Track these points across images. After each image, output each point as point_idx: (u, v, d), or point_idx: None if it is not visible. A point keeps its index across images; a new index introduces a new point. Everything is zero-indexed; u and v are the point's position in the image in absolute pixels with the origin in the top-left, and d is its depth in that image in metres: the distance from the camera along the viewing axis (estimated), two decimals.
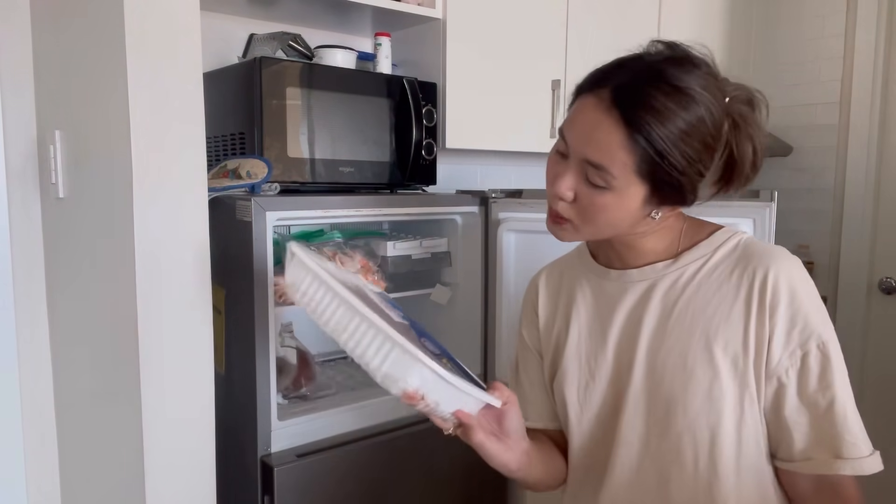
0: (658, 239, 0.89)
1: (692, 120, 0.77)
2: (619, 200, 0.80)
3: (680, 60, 0.79)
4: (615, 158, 0.78)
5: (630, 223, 0.84)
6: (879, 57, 2.47)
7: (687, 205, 0.85)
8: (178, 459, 1.16)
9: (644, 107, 0.76)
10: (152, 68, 1.07)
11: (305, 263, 0.81)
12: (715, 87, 0.80)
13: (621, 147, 0.77)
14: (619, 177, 0.78)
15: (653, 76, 0.77)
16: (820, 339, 0.82)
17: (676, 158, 0.77)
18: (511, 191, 1.63)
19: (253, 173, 1.33)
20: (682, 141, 0.77)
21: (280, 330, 1.46)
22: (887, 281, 2.52)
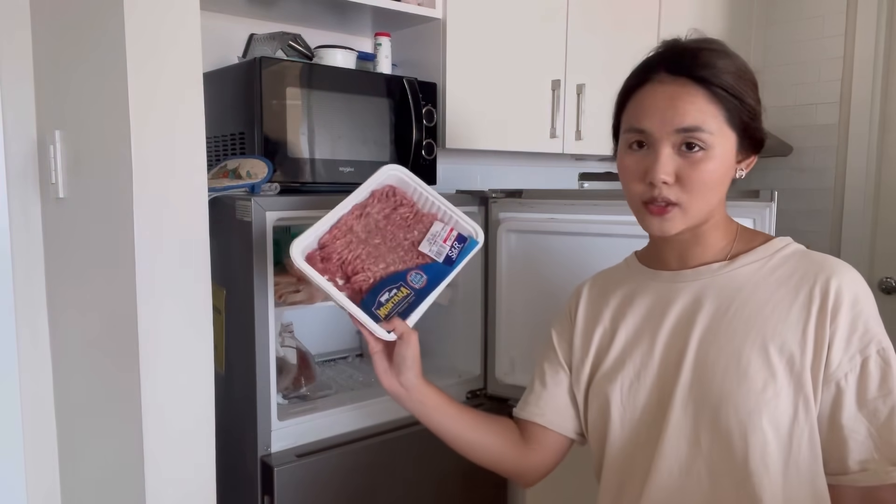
0: (720, 236, 0.92)
1: (743, 67, 0.87)
2: (719, 158, 0.85)
3: (722, 44, 0.90)
4: (706, 114, 0.84)
5: (725, 184, 0.89)
6: (879, 57, 2.48)
7: (757, 152, 0.91)
8: (178, 459, 1.16)
9: (706, 65, 0.85)
10: (152, 68, 1.07)
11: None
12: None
13: (708, 102, 0.85)
14: (715, 132, 0.84)
15: (694, 45, 0.88)
16: (880, 345, 0.82)
17: (751, 99, 0.87)
18: (511, 191, 1.63)
19: (253, 173, 1.33)
20: (745, 85, 0.87)
21: (280, 330, 1.46)
22: (887, 281, 2.52)
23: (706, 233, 0.91)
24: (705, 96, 0.84)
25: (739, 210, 1.27)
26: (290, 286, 1.41)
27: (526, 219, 1.57)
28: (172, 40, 1.08)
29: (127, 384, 1.14)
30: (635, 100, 0.89)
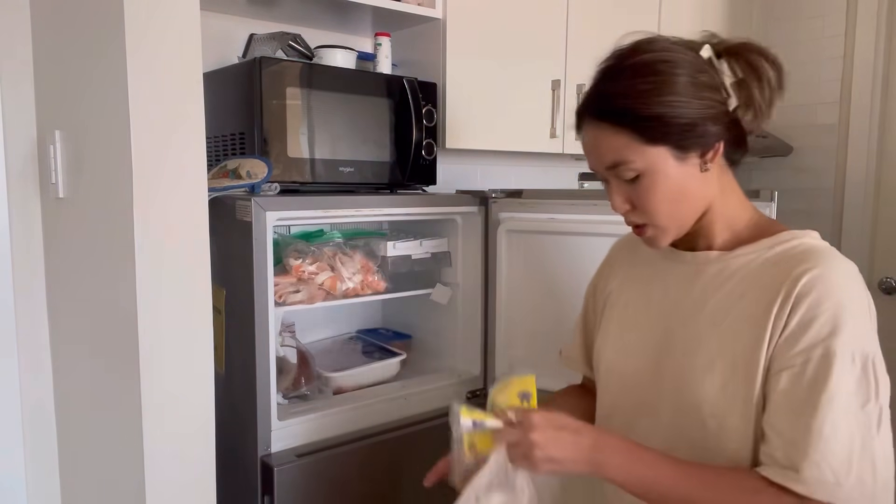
0: (722, 227, 0.91)
1: (655, 76, 0.85)
2: (658, 175, 0.86)
3: (618, 56, 0.88)
4: (619, 146, 0.86)
5: (690, 186, 0.88)
6: (879, 57, 2.47)
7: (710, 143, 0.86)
8: (179, 459, 1.16)
9: (599, 97, 0.88)
10: (152, 68, 1.07)
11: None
12: (667, 45, 0.87)
13: (615, 135, 0.86)
14: (636, 157, 0.85)
15: (595, 76, 0.90)
16: (828, 351, 0.78)
17: (656, 106, 0.84)
18: (511, 191, 1.63)
19: (253, 173, 1.33)
20: (644, 94, 0.84)
21: (280, 330, 1.46)
22: (887, 281, 2.52)
23: (705, 227, 0.92)
24: (611, 129, 0.86)
25: None
26: (290, 286, 1.41)
27: (526, 219, 1.57)
28: (173, 40, 1.08)
29: (127, 384, 1.14)
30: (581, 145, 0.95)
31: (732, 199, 0.92)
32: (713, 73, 0.88)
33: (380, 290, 1.56)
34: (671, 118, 0.84)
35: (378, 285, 1.56)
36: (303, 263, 1.43)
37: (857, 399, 0.77)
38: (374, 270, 1.56)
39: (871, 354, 0.79)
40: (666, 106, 0.84)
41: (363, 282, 1.52)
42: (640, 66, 0.86)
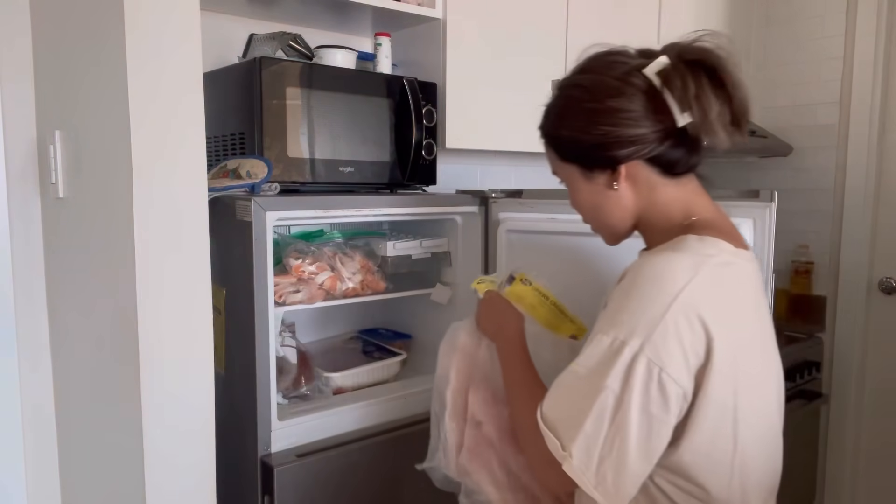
0: (656, 233, 0.97)
1: (567, 102, 0.97)
2: (572, 187, 1.01)
3: (570, 74, 0.99)
4: (549, 158, 1.03)
5: (603, 199, 0.97)
6: (879, 57, 2.47)
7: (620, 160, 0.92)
8: (179, 459, 1.16)
9: (543, 115, 1.02)
10: (152, 68, 1.07)
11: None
12: (607, 66, 0.93)
13: (546, 147, 1.03)
14: (560, 170, 1.01)
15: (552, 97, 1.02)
16: (596, 328, 0.87)
17: (569, 130, 0.96)
18: (511, 191, 1.63)
19: (253, 173, 1.33)
20: (561, 119, 0.97)
21: (280, 330, 1.46)
22: (887, 281, 2.52)
23: (644, 232, 1.00)
24: (545, 144, 1.02)
25: (739, 210, 1.27)
26: (290, 286, 1.41)
27: (526, 219, 1.57)
28: (172, 40, 1.08)
29: (127, 384, 1.14)
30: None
31: (660, 212, 0.96)
32: (634, 96, 0.90)
33: (380, 290, 1.56)
34: (574, 141, 0.95)
35: (378, 285, 1.56)
36: (303, 263, 1.43)
37: (600, 376, 0.83)
38: (374, 270, 1.56)
39: (625, 341, 0.83)
40: (570, 130, 0.95)
41: (363, 282, 1.52)
42: (562, 88, 0.99)
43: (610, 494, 0.82)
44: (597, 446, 0.82)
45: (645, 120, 0.90)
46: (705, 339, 0.82)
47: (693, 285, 0.83)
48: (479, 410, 1.13)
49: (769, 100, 2.74)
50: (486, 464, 1.12)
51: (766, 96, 2.74)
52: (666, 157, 0.92)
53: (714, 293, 0.85)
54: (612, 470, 0.82)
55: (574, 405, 0.84)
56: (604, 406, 0.82)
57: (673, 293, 0.82)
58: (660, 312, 0.81)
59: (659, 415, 0.81)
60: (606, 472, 0.82)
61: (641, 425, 0.81)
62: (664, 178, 0.94)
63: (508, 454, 1.12)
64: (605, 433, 0.82)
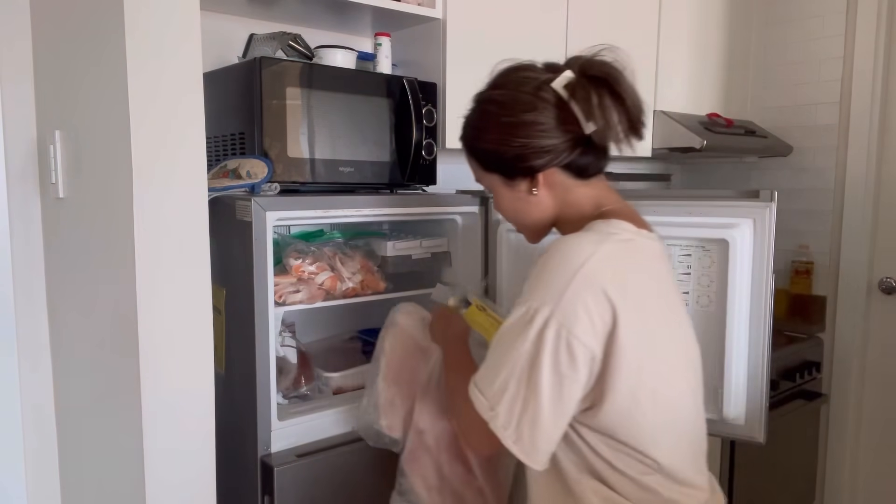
0: (573, 230, 1.04)
1: (483, 116, 1.05)
2: (496, 194, 1.09)
3: (484, 87, 1.07)
4: (472, 168, 1.11)
5: (523, 205, 1.07)
6: (879, 57, 2.48)
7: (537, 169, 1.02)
8: (179, 459, 1.16)
9: (462, 126, 1.09)
10: (152, 68, 1.07)
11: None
12: (518, 81, 1.02)
13: (468, 158, 1.10)
14: (483, 178, 1.10)
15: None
16: (516, 301, 0.96)
17: (486, 143, 1.05)
18: None
19: (253, 173, 1.33)
20: (481, 133, 1.05)
21: (280, 330, 1.46)
22: (887, 281, 2.52)
23: (559, 227, 1.09)
24: (466, 155, 1.10)
25: (739, 210, 1.27)
26: (290, 286, 1.41)
27: None
28: (172, 40, 1.08)
29: (127, 384, 1.14)
30: None
31: (574, 209, 1.05)
32: (546, 109, 0.99)
33: (380, 290, 1.56)
34: (494, 153, 1.04)
35: (378, 285, 1.56)
36: (303, 263, 1.43)
37: (518, 341, 0.92)
38: (374, 270, 1.56)
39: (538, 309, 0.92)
40: (490, 143, 1.03)
41: (363, 282, 1.52)
42: (479, 103, 1.06)
43: (527, 449, 0.92)
44: (516, 406, 0.92)
45: (556, 131, 0.99)
46: (610, 307, 0.91)
47: (595, 258, 0.92)
48: (423, 420, 1.27)
49: (769, 100, 2.74)
50: (421, 468, 1.26)
51: (766, 96, 2.74)
52: (577, 162, 1.02)
53: (616, 265, 0.94)
54: (527, 426, 0.91)
55: (497, 370, 0.94)
56: (522, 369, 0.91)
57: (578, 264, 0.92)
58: (566, 282, 0.91)
59: (568, 373, 0.90)
60: (524, 429, 0.92)
61: (553, 384, 0.90)
62: (577, 180, 1.04)
63: (443, 462, 1.26)
64: (523, 393, 0.91)
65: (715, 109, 2.54)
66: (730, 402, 1.32)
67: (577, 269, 0.91)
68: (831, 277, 2.62)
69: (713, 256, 1.33)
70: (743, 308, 1.30)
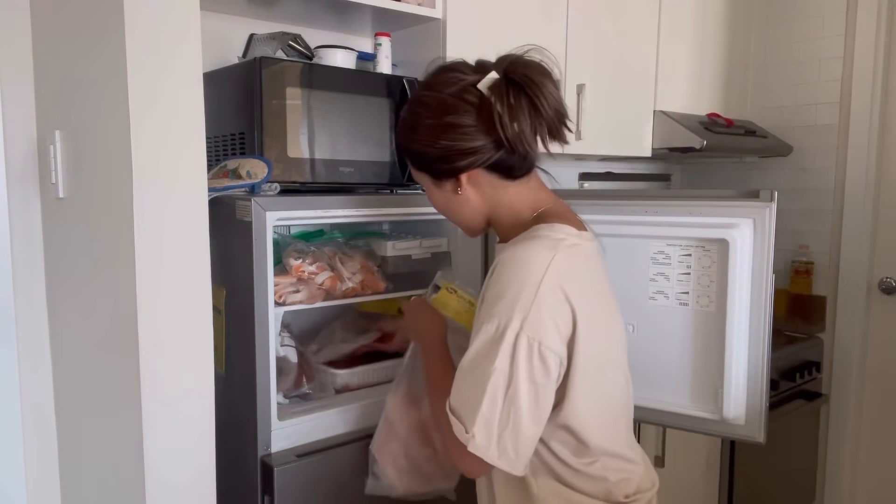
0: (508, 228, 1.08)
1: (411, 118, 1.07)
2: (427, 192, 1.13)
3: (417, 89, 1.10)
4: (409, 166, 1.12)
5: (452, 203, 1.09)
6: (879, 57, 2.48)
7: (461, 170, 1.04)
8: (178, 459, 1.16)
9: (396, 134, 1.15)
10: (152, 68, 1.07)
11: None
12: (445, 82, 1.03)
13: (404, 156, 1.12)
14: (416, 177, 1.12)
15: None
16: (478, 321, 0.97)
17: (412, 147, 1.07)
18: None
19: (253, 173, 1.33)
20: (407, 135, 1.07)
21: (280, 330, 1.46)
22: (887, 281, 2.52)
23: (496, 227, 1.12)
24: (401, 152, 1.14)
25: (739, 210, 1.27)
26: (290, 286, 1.41)
27: None
28: (172, 40, 1.08)
29: (127, 384, 1.14)
30: None
31: (507, 209, 1.08)
32: (468, 112, 1.00)
33: (380, 290, 1.56)
34: (420, 154, 1.06)
35: (378, 285, 1.56)
36: (303, 263, 1.43)
37: (489, 358, 0.94)
38: (374, 270, 1.56)
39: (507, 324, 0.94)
40: (416, 143, 1.06)
41: (363, 282, 1.52)
42: (409, 104, 1.09)
43: (511, 461, 0.95)
44: (494, 422, 0.94)
45: (478, 133, 1.00)
46: (570, 311, 0.95)
47: (553, 266, 0.95)
48: (393, 412, 1.31)
49: (769, 100, 2.74)
50: (391, 455, 1.30)
51: (766, 96, 2.74)
52: (503, 163, 1.03)
53: (570, 271, 0.97)
54: (510, 439, 0.94)
55: (470, 391, 0.95)
56: (496, 385, 0.93)
57: (539, 275, 0.94)
58: (531, 294, 0.93)
59: (542, 382, 0.94)
60: (506, 443, 0.94)
61: (530, 394, 0.93)
62: (505, 180, 1.06)
63: (413, 447, 1.29)
64: (501, 408, 0.93)
65: (715, 109, 2.54)
66: (730, 403, 1.32)
67: (541, 279, 0.94)
68: (831, 277, 2.62)
69: (713, 256, 1.33)
70: (743, 308, 1.30)
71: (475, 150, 1.01)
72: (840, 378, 2.61)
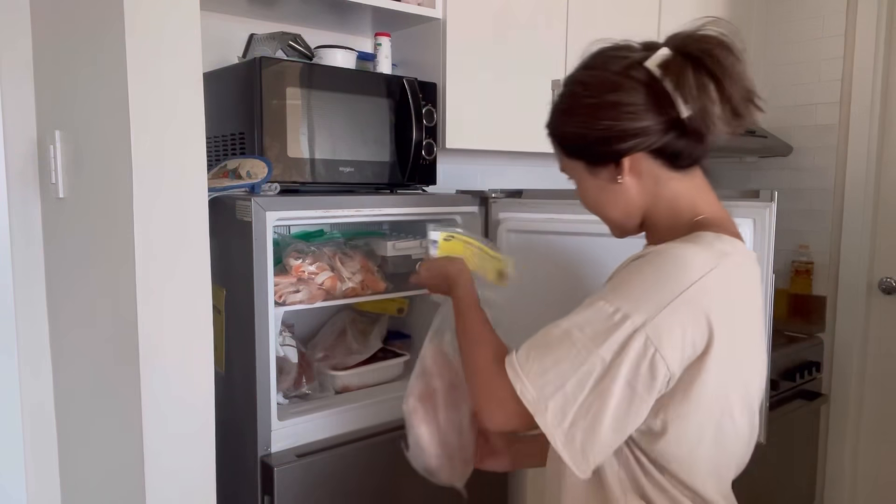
0: (663, 230, 0.96)
1: (569, 98, 0.97)
2: (582, 182, 1.00)
3: (574, 70, 1.00)
4: (557, 155, 1.02)
5: (609, 193, 0.98)
6: (879, 57, 2.48)
7: (622, 153, 0.92)
8: (178, 459, 1.16)
9: (550, 112, 1.01)
10: (152, 68, 1.07)
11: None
12: (608, 61, 0.94)
13: (553, 145, 1.02)
14: (567, 165, 1.01)
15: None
16: (598, 295, 0.87)
17: (573, 127, 0.96)
18: (511, 191, 1.63)
19: (253, 173, 1.33)
20: (565, 116, 0.98)
21: (280, 330, 1.46)
22: (887, 281, 2.52)
23: (649, 229, 1.00)
24: (551, 140, 1.02)
25: (739, 210, 1.27)
26: (290, 286, 1.41)
27: (526, 219, 1.57)
28: (172, 41, 1.08)
29: (127, 384, 1.14)
30: None
31: (666, 206, 0.96)
32: (635, 90, 0.90)
33: (380, 290, 1.56)
34: (576, 137, 0.96)
35: (378, 285, 1.56)
36: (303, 263, 1.43)
37: (594, 341, 0.84)
38: (374, 270, 1.56)
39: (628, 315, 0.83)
40: (573, 126, 0.96)
41: (363, 282, 1.52)
42: (568, 85, 0.99)
43: (577, 455, 0.85)
44: (573, 407, 0.84)
45: (646, 112, 0.89)
46: (707, 334, 0.83)
47: (708, 279, 0.83)
48: (432, 364, 1.18)
49: (769, 100, 2.74)
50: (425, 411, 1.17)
51: (765, 96, 2.74)
52: (669, 148, 0.91)
53: (725, 291, 0.85)
54: (582, 432, 0.84)
55: (559, 363, 0.85)
56: (590, 372, 0.84)
57: (688, 282, 0.83)
58: (670, 296, 0.82)
59: (642, 393, 0.83)
60: (577, 434, 0.84)
61: (623, 398, 0.83)
62: (669, 171, 0.93)
63: (444, 408, 1.17)
64: (585, 397, 0.84)
65: None
66: None
67: (687, 286, 0.82)
68: (831, 277, 2.62)
69: None
70: None
71: (641, 130, 0.90)
72: (840, 378, 2.61)
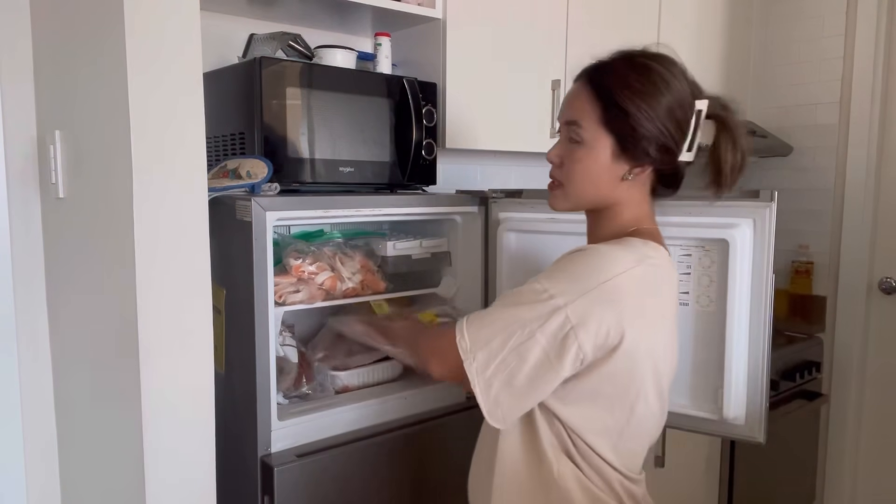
0: (609, 228, 1.05)
1: (649, 84, 0.97)
2: (591, 152, 0.99)
3: (641, 52, 1.01)
4: (584, 111, 1.00)
5: (606, 181, 1.01)
6: (879, 57, 2.48)
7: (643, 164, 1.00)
8: (178, 459, 1.16)
9: (608, 70, 1.00)
10: (152, 69, 1.07)
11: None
12: (679, 75, 0.99)
13: (588, 101, 0.99)
14: (587, 128, 0.99)
15: (614, 56, 1.01)
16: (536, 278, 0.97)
17: (632, 110, 0.96)
18: (511, 191, 1.63)
19: (253, 173, 1.33)
20: (637, 97, 0.96)
21: (280, 330, 1.46)
22: (887, 281, 2.52)
23: (598, 222, 1.07)
24: (589, 95, 1.00)
25: (739, 210, 1.27)
26: (290, 286, 1.41)
27: (526, 219, 1.57)
28: (172, 41, 1.08)
29: (127, 384, 1.14)
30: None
31: (620, 206, 1.04)
32: (689, 118, 0.99)
33: (380, 290, 1.56)
34: (631, 120, 0.96)
35: (378, 285, 1.56)
36: (303, 263, 1.43)
37: (524, 308, 0.94)
38: (374, 270, 1.56)
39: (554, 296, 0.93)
40: (636, 108, 0.96)
41: (363, 282, 1.52)
42: (645, 68, 0.98)
43: (490, 403, 0.95)
44: (495, 361, 0.95)
45: (683, 139, 0.99)
46: (620, 325, 0.92)
47: (626, 276, 0.93)
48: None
49: (769, 100, 2.74)
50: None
51: (766, 96, 2.74)
52: (670, 177, 1.04)
53: (641, 289, 0.95)
54: (499, 383, 0.95)
55: (493, 324, 0.96)
56: (514, 334, 0.94)
57: (609, 275, 0.93)
58: (593, 285, 0.92)
59: (554, 362, 0.93)
60: (493, 383, 0.95)
61: (538, 362, 0.93)
62: (647, 193, 1.05)
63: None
64: (506, 355, 0.94)
65: None
66: (730, 402, 1.31)
67: (606, 280, 0.92)
68: (831, 277, 2.62)
69: (713, 256, 1.33)
70: (743, 308, 1.30)
71: (677, 151, 1.01)
72: (840, 378, 2.62)
